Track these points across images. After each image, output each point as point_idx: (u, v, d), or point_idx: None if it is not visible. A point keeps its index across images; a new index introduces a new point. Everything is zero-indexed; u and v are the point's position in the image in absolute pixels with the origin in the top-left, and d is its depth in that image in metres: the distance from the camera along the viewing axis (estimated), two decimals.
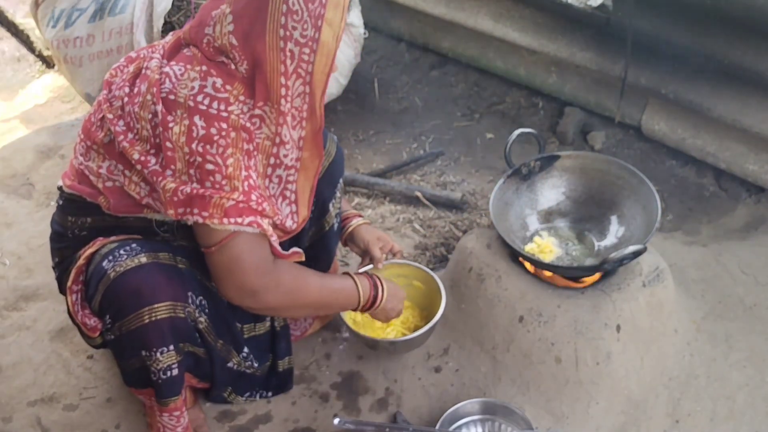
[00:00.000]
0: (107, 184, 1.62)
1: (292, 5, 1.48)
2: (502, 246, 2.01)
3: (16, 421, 1.99)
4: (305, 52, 1.52)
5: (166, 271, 1.62)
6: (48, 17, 2.86)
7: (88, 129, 1.66)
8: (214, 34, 1.53)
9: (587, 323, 1.85)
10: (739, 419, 1.86)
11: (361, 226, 2.05)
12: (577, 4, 2.72)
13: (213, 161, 1.48)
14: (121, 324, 1.60)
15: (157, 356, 1.62)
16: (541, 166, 2.12)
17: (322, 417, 1.96)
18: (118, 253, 1.60)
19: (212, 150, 1.47)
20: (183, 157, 1.48)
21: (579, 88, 2.98)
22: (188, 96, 1.49)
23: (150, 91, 1.52)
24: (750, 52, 2.34)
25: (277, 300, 1.64)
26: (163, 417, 1.75)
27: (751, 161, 2.56)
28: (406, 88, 3.35)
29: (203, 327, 1.71)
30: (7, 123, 3.33)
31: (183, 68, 1.53)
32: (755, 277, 2.23)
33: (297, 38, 1.50)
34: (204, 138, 1.47)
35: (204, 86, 1.50)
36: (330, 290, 1.77)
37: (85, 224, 1.71)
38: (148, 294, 1.57)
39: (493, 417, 1.85)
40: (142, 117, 1.53)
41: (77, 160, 1.69)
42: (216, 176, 1.48)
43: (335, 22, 1.54)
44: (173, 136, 1.48)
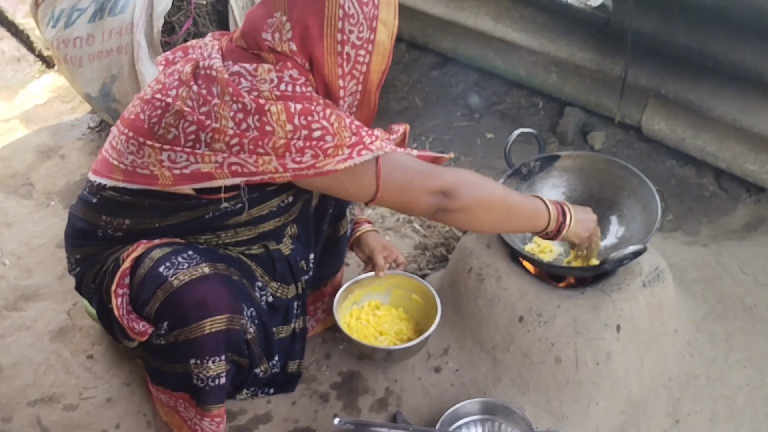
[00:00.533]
0: (174, 171, 1.57)
1: (348, 9, 1.51)
2: (502, 246, 2.01)
3: (16, 421, 1.99)
4: (361, 54, 1.57)
5: (227, 284, 1.64)
6: (48, 17, 2.86)
7: (139, 127, 1.60)
8: (273, 41, 1.55)
9: (587, 323, 1.85)
10: (739, 419, 1.86)
11: (369, 232, 2.08)
12: (577, 4, 2.72)
13: (318, 126, 1.50)
14: (180, 332, 1.61)
15: (208, 365, 1.64)
16: (541, 166, 2.12)
17: (322, 417, 1.96)
18: (176, 260, 1.60)
19: (314, 117, 1.50)
20: (286, 135, 1.49)
21: (579, 88, 2.98)
22: (271, 89, 1.51)
23: (227, 90, 1.51)
24: (750, 52, 2.34)
25: (469, 194, 1.63)
26: (204, 421, 1.76)
27: (751, 161, 2.56)
28: (406, 88, 3.35)
29: (251, 337, 1.73)
30: (7, 123, 3.33)
31: (254, 65, 1.54)
32: (755, 277, 2.23)
33: (354, 41, 1.54)
34: (302, 111, 1.50)
35: (282, 77, 1.53)
36: (516, 194, 1.77)
37: (122, 225, 1.70)
38: (212, 306, 1.59)
39: (493, 417, 1.85)
40: (222, 115, 1.51)
41: (126, 158, 1.62)
42: (326, 138, 1.50)
43: (389, 21, 1.59)
44: (273, 117, 1.49)
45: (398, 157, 1.61)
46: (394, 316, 2.07)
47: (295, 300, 1.92)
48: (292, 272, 1.87)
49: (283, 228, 1.81)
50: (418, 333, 2.00)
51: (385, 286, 2.09)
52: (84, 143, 3.12)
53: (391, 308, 2.09)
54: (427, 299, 2.01)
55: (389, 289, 2.09)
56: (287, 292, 1.88)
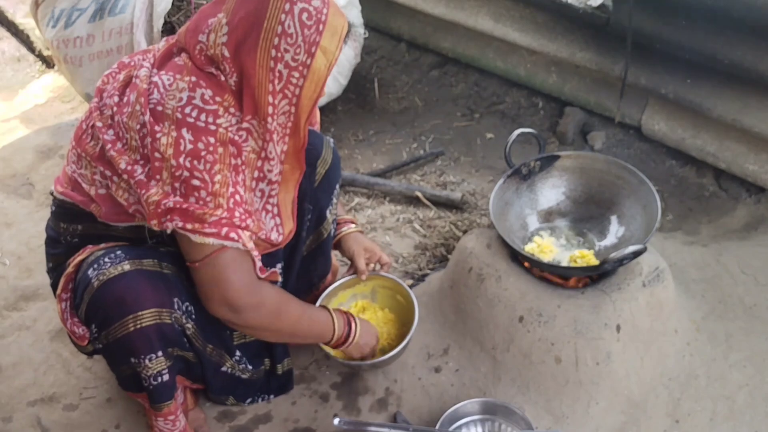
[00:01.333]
0: (99, 191, 1.61)
1: (288, 27, 1.47)
2: (502, 246, 2.01)
3: (16, 421, 1.99)
4: (294, 76, 1.51)
5: (151, 278, 1.60)
6: (48, 17, 2.86)
7: (79, 137, 1.65)
8: (207, 43, 1.51)
9: (587, 323, 1.85)
10: (739, 419, 1.86)
11: (350, 234, 2.04)
12: (577, 4, 2.72)
13: (200, 177, 1.47)
14: (107, 333, 1.59)
15: (146, 363, 1.62)
16: (541, 166, 2.12)
17: (322, 417, 1.96)
18: (102, 261, 1.59)
19: (200, 166, 1.47)
20: (169, 168, 1.47)
21: (579, 88, 2.98)
22: (176, 107, 1.48)
23: (138, 101, 1.51)
24: (750, 52, 2.34)
25: (258, 320, 1.65)
26: (159, 421, 1.75)
27: (751, 161, 2.56)
28: (406, 88, 3.35)
29: (191, 333, 1.70)
30: (7, 123, 3.33)
31: (172, 78, 1.52)
32: (755, 277, 2.23)
33: (288, 61, 1.49)
34: (191, 153, 1.46)
35: (192, 97, 1.49)
36: (308, 319, 1.78)
37: (76, 231, 1.70)
38: (131, 302, 1.56)
39: (493, 417, 1.85)
40: (130, 127, 1.52)
41: (70, 167, 1.67)
42: (201, 192, 1.48)
43: (330, 50, 1.53)
44: (161, 147, 1.47)
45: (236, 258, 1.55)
46: (379, 318, 2.05)
47: None
48: None
49: None
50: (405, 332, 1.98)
51: (370, 287, 2.08)
52: None
53: (377, 309, 2.07)
54: (408, 301, 1.99)
55: (375, 289, 2.08)
56: None
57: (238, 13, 1.49)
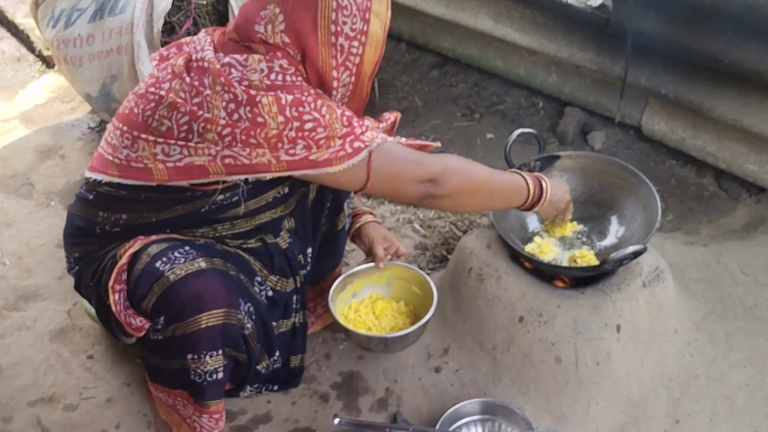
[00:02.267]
0: (158, 158, 1.58)
1: (342, 1, 1.54)
2: (502, 246, 2.01)
3: (16, 421, 1.99)
4: (354, 45, 1.59)
5: (223, 278, 1.64)
6: (48, 17, 2.86)
7: (133, 121, 1.62)
8: (266, 33, 1.57)
9: (587, 323, 1.85)
10: (739, 419, 1.86)
11: (370, 223, 2.07)
12: (577, 4, 2.72)
13: (310, 118, 1.52)
14: (176, 326, 1.60)
15: (206, 359, 1.64)
16: (541, 166, 2.12)
17: (322, 417, 1.96)
18: (173, 255, 1.60)
19: (305, 108, 1.53)
20: (278, 126, 1.51)
21: (579, 88, 2.98)
22: (261, 78, 1.53)
23: (218, 81, 1.53)
24: (750, 52, 2.34)
25: (456, 183, 1.69)
26: (203, 418, 1.76)
27: (751, 161, 2.56)
28: (406, 88, 3.35)
29: (249, 333, 1.72)
30: (7, 123, 3.33)
31: (245, 55, 1.56)
32: (755, 277, 2.23)
33: (347, 32, 1.57)
34: (293, 102, 1.52)
35: (272, 67, 1.55)
36: (499, 176, 1.81)
37: (119, 221, 1.70)
38: (209, 300, 1.59)
39: (493, 417, 1.85)
40: (214, 105, 1.53)
41: (121, 152, 1.63)
42: (318, 130, 1.53)
43: (382, 12, 1.62)
44: (264, 108, 1.51)
45: (388, 147, 1.63)
46: (393, 309, 2.03)
47: (294, 294, 1.92)
48: (290, 266, 1.87)
49: (280, 221, 1.81)
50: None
51: (385, 278, 2.07)
52: (84, 143, 3.13)
53: (391, 302, 2.06)
54: (426, 291, 1.98)
55: (390, 280, 2.07)
56: (286, 285, 1.88)
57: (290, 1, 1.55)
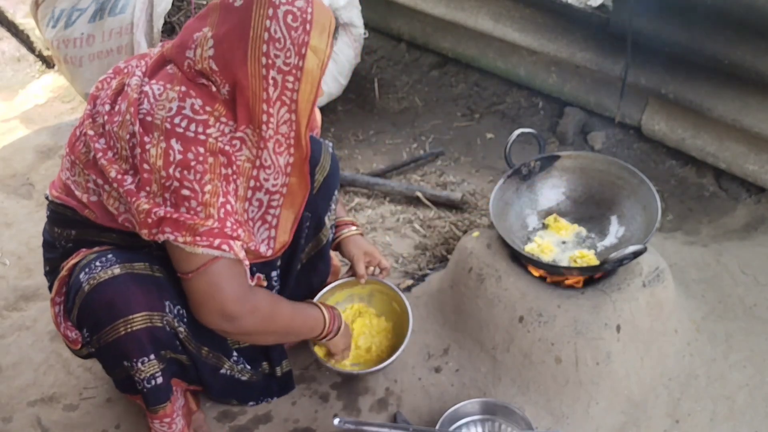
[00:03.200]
0: (92, 198, 1.61)
1: (274, 33, 1.47)
2: (502, 246, 2.01)
3: (16, 421, 1.99)
4: (289, 80, 1.51)
5: (141, 281, 1.60)
6: (48, 17, 2.86)
7: (72, 143, 1.65)
8: (194, 58, 1.51)
9: (587, 323, 1.85)
10: (739, 419, 1.86)
11: (351, 237, 2.03)
12: (577, 4, 2.72)
13: (190, 187, 1.47)
14: (98, 336, 1.59)
15: (138, 366, 1.62)
16: (541, 166, 2.12)
17: (322, 417, 1.96)
18: (93, 265, 1.58)
19: (189, 176, 1.46)
20: (159, 179, 1.47)
21: (579, 88, 2.98)
22: (165, 118, 1.48)
23: (129, 110, 1.51)
24: (750, 52, 2.34)
25: (253, 325, 1.65)
26: (155, 423, 1.75)
27: (751, 161, 2.56)
28: (406, 88, 3.35)
29: (183, 336, 1.69)
30: (7, 123, 3.33)
31: (162, 88, 1.51)
32: (755, 277, 2.23)
33: (280, 66, 1.49)
34: (181, 163, 1.46)
35: (182, 107, 1.49)
36: (301, 317, 1.80)
37: (70, 236, 1.69)
38: (122, 306, 1.56)
39: (493, 417, 1.85)
40: (121, 137, 1.52)
41: (64, 173, 1.67)
42: (192, 202, 1.48)
43: (320, 48, 1.53)
44: (150, 158, 1.46)
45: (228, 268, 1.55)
46: (372, 327, 2.04)
47: None
48: None
49: None
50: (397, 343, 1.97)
51: (368, 290, 2.07)
52: None
53: (373, 317, 2.06)
54: (404, 309, 1.98)
55: (372, 292, 2.08)
56: None
57: (222, 25, 1.49)
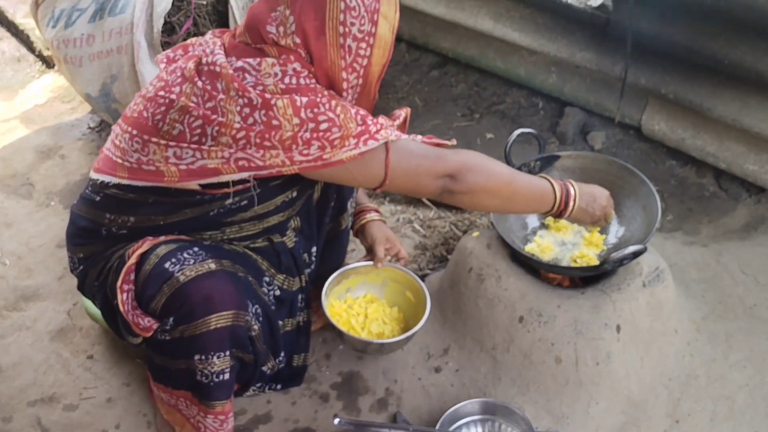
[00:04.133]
0: (180, 167, 1.58)
1: (350, 2, 1.54)
2: (502, 246, 2.01)
3: (16, 421, 1.99)
4: (362, 47, 1.59)
5: (233, 279, 1.64)
6: (48, 17, 2.86)
7: (143, 124, 1.61)
8: (278, 34, 1.57)
9: (587, 323, 1.85)
10: (739, 419, 1.86)
11: (374, 222, 2.07)
12: (577, 4, 2.72)
13: (325, 118, 1.53)
14: (185, 327, 1.61)
15: (213, 360, 1.64)
16: (541, 166, 2.12)
17: (322, 417, 1.96)
18: (182, 257, 1.61)
19: (320, 109, 1.53)
20: (293, 129, 1.52)
21: (579, 88, 2.98)
22: (276, 83, 1.54)
23: (231, 86, 1.53)
24: (750, 52, 2.34)
25: (475, 178, 1.67)
26: (208, 419, 1.76)
27: (751, 161, 2.56)
28: (406, 88, 3.35)
29: (255, 334, 1.72)
30: (7, 123, 3.33)
31: (257, 59, 1.56)
32: (755, 277, 2.23)
33: (355, 33, 1.57)
34: (308, 104, 1.53)
35: (285, 70, 1.55)
36: (522, 176, 1.78)
37: (126, 223, 1.70)
38: (218, 301, 1.59)
39: (493, 417, 1.85)
40: (228, 110, 1.53)
41: (131, 156, 1.62)
42: (333, 130, 1.53)
43: (390, 14, 1.61)
44: (279, 111, 1.51)
45: (404, 144, 1.63)
46: (385, 314, 2.03)
47: (300, 293, 1.93)
48: (296, 264, 1.88)
49: (287, 221, 1.82)
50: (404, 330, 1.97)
51: (382, 278, 2.06)
52: (84, 143, 3.12)
53: (385, 306, 2.05)
54: (419, 298, 1.98)
55: (386, 281, 2.07)
56: (292, 284, 1.90)
57: (297, 1, 1.55)
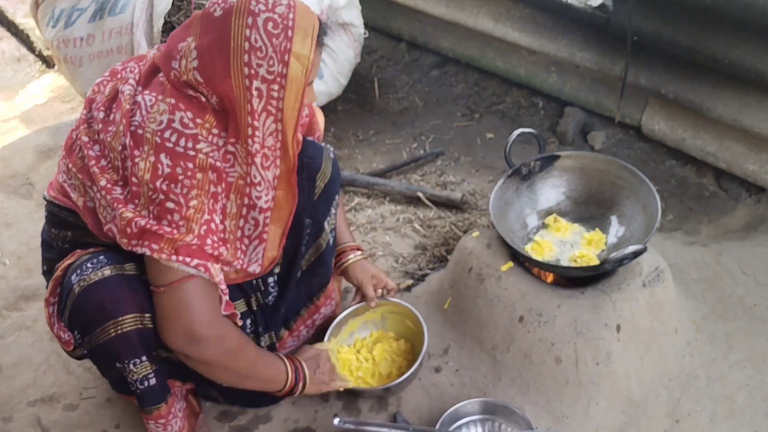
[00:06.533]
0: (88, 204, 1.60)
1: (255, 42, 1.45)
2: (502, 246, 2.01)
3: (16, 421, 1.99)
4: (274, 89, 1.48)
5: (131, 283, 1.58)
6: (48, 17, 2.86)
7: (68, 147, 1.64)
8: (180, 69, 1.49)
9: (587, 323, 1.85)
10: (739, 419, 1.86)
11: (358, 262, 2.02)
12: (577, 4, 2.72)
13: (175, 200, 1.46)
14: (89, 338, 1.59)
15: (130, 368, 1.62)
16: (541, 166, 2.12)
17: (322, 417, 1.96)
18: (85, 266, 1.58)
19: (176, 189, 1.45)
20: (146, 193, 1.46)
21: (579, 88, 2.98)
22: (156, 131, 1.46)
23: (121, 122, 1.50)
24: (750, 52, 2.34)
25: (216, 355, 1.59)
26: (150, 424, 1.75)
27: (751, 161, 2.56)
28: (406, 88, 3.35)
29: None
30: (7, 123, 3.33)
31: (154, 99, 1.50)
32: (755, 277, 2.23)
33: (263, 75, 1.46)
34: (169, 177, 1.45)
35: (172, 120, 1.47)
36: (264, 363, 1.74)
37: (66, 237, 1.69)
38: (111, 308, 1.55)
39: (493, 417, 1.85)
40: (113, 147, 1.51)
41: (61, 176, 1.66)
42: (174, 215, 1.46)
43: (303, 54, 1.49)
44: (139, 172, 1.46)
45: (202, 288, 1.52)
46: (392, 350, 2.03)
47: (247, 317, 1.81)
48: (239, 288, 1.76)
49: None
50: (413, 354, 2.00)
51: (380, 313, 2.07)
52: None
53: (391, 340, 2.06)
54: (418, 325, 1.98)
55: (384, 315, 2.08)
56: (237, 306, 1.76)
57: (204, 36, 1.47)
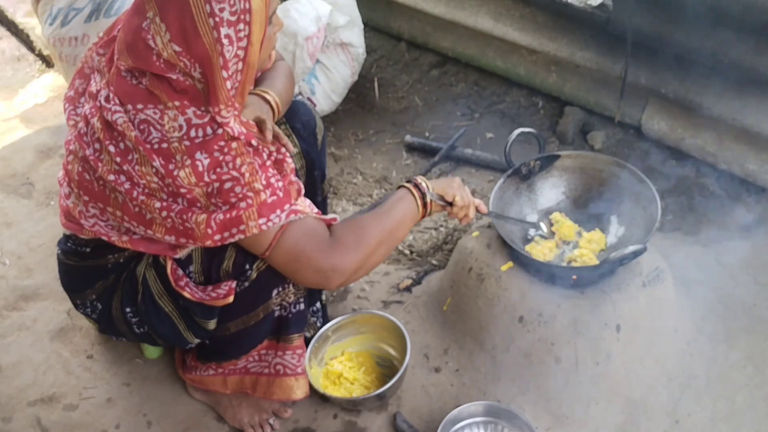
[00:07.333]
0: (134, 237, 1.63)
1: None
2: (502, 246, 2.01)
3: (16, 421, 1.99)
4: (240, 29, 1.44)
5: None
6: (46, 14, 2.86)
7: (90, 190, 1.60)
8: (158, 48, 1.45)
9: (587, 323, 1.85)
10: (739, 419, 1.86)
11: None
12: (577, 4, 2.72)
13: (229, 177, 1.48)
14: (258, 263, 1.65)
15: (290, 289, 1.71)
16: (541, 165, 2.12)
17: (322, 417, 1.96)
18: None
19: (224, 169, 1.47)
20: (202, 192, 1.48)
21: (579, 88, 2.98)
22: (181, 138, 1.46)
23: (138, 148, 1.48)
24: (750, 52, 2.34)
25: (354, 261, 1.60)
26: (286, 357, 1.80)
27: (751, 161, 2.56)
28: (406, 87, 3.34)
29: None
30: (7, 123, 3.33)
31: (157, 110, 1.48)
32: (755, 277, 2.23)
33: (228, 18, 1.42)
34: (211, 165, 1.47)
35: (189, 119, 1.47)
36: (390, 220, 1.68)
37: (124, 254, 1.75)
38: None
39: (496, 420, 1.84)
40: (144, 173, 1.49)
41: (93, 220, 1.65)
42: (236, 189, 1.48)
43: None
44: (184, 181, 1.46)
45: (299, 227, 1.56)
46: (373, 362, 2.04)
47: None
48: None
49: None
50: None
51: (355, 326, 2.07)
52: None
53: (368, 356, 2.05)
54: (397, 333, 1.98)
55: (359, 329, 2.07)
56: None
57: (165, 7, 1.43)
